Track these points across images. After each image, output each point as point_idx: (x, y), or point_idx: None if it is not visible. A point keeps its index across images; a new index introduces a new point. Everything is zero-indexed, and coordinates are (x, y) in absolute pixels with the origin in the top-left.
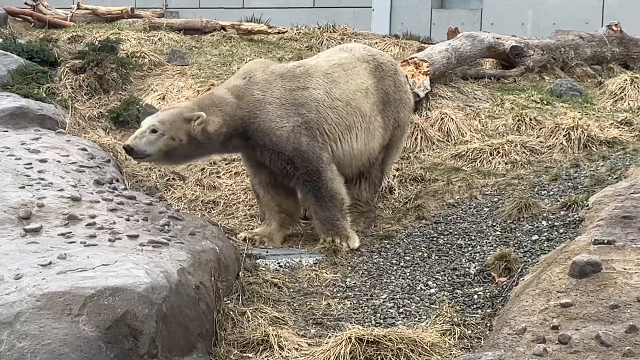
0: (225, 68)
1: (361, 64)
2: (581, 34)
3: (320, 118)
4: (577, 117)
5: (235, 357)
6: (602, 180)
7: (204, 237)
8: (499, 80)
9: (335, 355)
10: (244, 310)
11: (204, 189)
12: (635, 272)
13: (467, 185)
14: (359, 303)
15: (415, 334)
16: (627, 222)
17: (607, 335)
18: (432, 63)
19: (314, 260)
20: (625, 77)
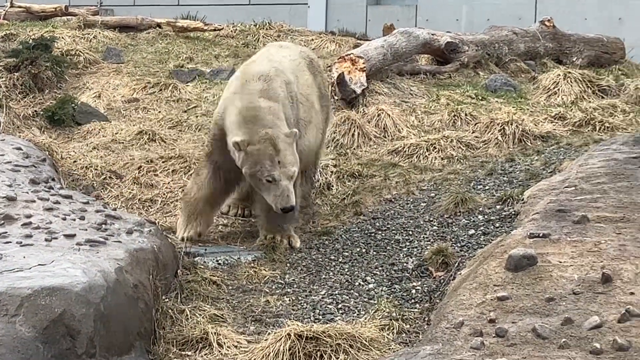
0: (161, 66)
1: (302, 60)
2: (515, 30)
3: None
4: (511, 112)
5: (175, 355)
6: (537, 174)
7: (142, 235)
8: (435, 76)
9: (274, 352)
10: (182, 309)
11: (141, 187)
12: (570, 265)
13: (404, 180)
14: (298, 299)
15: (354, 330)
16: (562, 215)
17: (543, 328)
18: (369, 59)
19: (252, 257)
20: (558, 72)
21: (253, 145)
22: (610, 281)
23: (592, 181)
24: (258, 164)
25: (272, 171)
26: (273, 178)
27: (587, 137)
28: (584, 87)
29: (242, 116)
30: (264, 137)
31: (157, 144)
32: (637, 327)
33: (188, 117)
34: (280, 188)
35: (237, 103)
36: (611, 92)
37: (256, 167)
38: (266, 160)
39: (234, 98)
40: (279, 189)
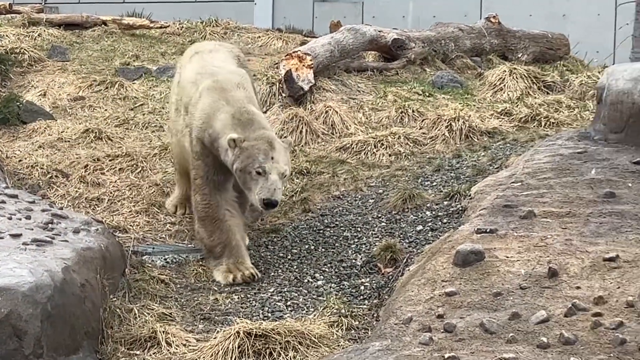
0: (107, 63)
1: (234, 60)
2: (460, 26)
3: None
4: (458, 109)
5: (123, 354)
6: (484, 170)
7: (89, 234)
8: (382, 73)
9: (223, 350)
10: (130, 308)
11: (88, 186)
12: (517, 260)
13: (352, 177)
14: (247, 297)
15: (304, 327)
16: (509, 210)
17: (490, 323)
18: (316, 56)
19: (201, 255)
20: (504, 69)
21: (248, 142)
22: (557, 276)
23: (538, 176)
24: (251, 157)
25: (264, 163)
26: (264, 170)
27: (533, 133)
28: (529, 83)
29: (236, 119)
30: (261, 135)
31: (103, 142)
32: (583, 321)
33: (135, 115)
34: (269, 180)
35: (226, 109)
36: (556, 88)
37: (248, 160)
38: (260, 153)
39: (219, 106)
40: (268, 182)
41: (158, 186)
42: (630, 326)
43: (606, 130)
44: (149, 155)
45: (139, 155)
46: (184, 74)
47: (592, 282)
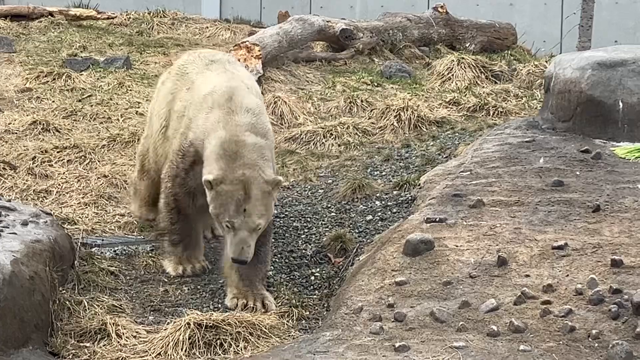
0: (54, 55)
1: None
2: (408, 16)
3: None
4: (407, 98)
5: (73, 347)
6: (433, 159)
7: (38, 226)
8: (330, 63)
9: (174, 341)
10: (80, 300)
11: (36, 178)
12: (467, 249)
13: (302, 167)
14: (197, 288)
15: (254, 317)
16: (458, 200)
17: (441, 312)
18: (264, 47)
19: (150, 247)
20: (452, 58)
21: (224, 185)
22: (506, 264)
23: (486, 165)
24: (223, 206)
25: (233, 218)
26: (232, 225)
27: (481, 122)
28: (477, 72)
29: (222, 149)
30: (238, 177)
31: (51, 134)
32: (533, 308)
33: (82, 106)
34: (237, 237)
35: (220, 133)
36: (504, 77)
37: (220, 209)
38: (232, 204)
39: (217, 127)
40: (237, 238)
41: (107, 178)
42: (579, 314)
43: (554, 119)
44: (97, 147)
45: (87, 147)
46: (202, 79)
47: (541, 270)
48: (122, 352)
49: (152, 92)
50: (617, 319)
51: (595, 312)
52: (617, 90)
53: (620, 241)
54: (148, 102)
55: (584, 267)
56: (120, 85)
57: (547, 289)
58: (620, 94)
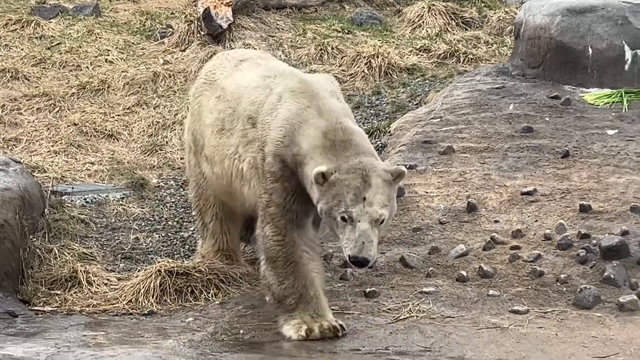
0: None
1: None
2: None
3: None
4: (377, 45)
5: (43, 294)
6: (403, 106)
7: (7, 175)
8: (301, 10)
9: (145, 288)
10: (50, 248)
11: (5, 126)
12: (437, 195)
13: None
14: (168, 236)
15: (225, 265)
16: (428, 146)
17: (410, 258)
18: None
19: (121, 195)
20: (422, 5)
21: (339, 174)
22: (476, 210)
23: (456, 112)
24: (338, 197)
25: (350, 207)
26: (350, 216)
27: (452, 69)
28: (447, 19)
29: (329, 140)
30: (355, 166)
31: (20, 82)
32: (502, 254)
33: (52, 54)
34: (357, 231)
35: (317, 123)
36: (474, 24)
37: (334, 201)
38: (350, 193)
39: (308, 117)
40: (355, 232)
41: (76, 126)
42: (547, 258)
43: (524, 66)
44: (66, 95)
45: (56, 95)
46: (232, 82)
47: (510, 215)
48: (93, 299)
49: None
50: (585, 263)
51: (564, 257)
52: (587, 36)
53: (588, 187)
54: (118, 50)
55: (553, 212)
56: (89, 32)
57: (516, 234)
58: (589, 40)
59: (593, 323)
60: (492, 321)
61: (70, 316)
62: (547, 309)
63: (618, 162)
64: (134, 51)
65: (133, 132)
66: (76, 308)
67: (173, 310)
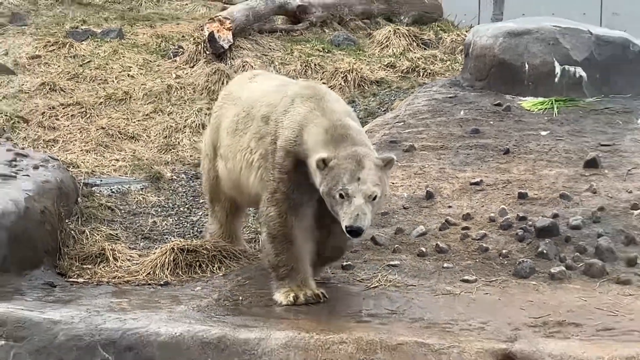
0: (59, 27)
1: None
2: None
3: None
4: (352, 62)
5: (77, 268)
6: (374, 112)
7: (47, 170)
8: (289, 34)
9: (161, 263)
10: (83, 230)
11: (45, 130)
12: (401, 185)
13: None
14: (180, 220)
15: (227, 244)
16: (394, 145)
17: (380, 237)
18: (234, 20)
19: (141, 186)
20: (389, 29)
21: (337, 161)
22: (433, 197)
23: (417, 117)
24: (335, 178)
25: (347, 185)
26: (346, 193)
27: (413, 82)
28: (410, 40)
29: (329, 135)
30: (351, 154)
31: (57, 94)
32: (454, 233)
33: (83, 70)
34: (352, 205)
35: (320, 122)
36: (432, 45)
37: (332, 182)
38: (346, 174)
39: (313, 117)
40: (351, 206)
41: (104, 129)
42: (492, 237)
43: (472, 79)
44: (96, 104)
45: (87, 104)
46: (248, 91)
47: (461, 202)
48: (118, 272)
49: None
50: (522, 241)
51: (505, 235)
52: (524, 54)
53: (525, 178)
54: (138, 66)
55: (496, 199)
56: (114, 52)
57: (466, 217)
58: (526, 57)
59: (529, 290)
60: (447, 289)
61: (99, 286)
62: (492, 278)
63: (550, 157)
64: (151, 67)
65: (151, 135)
66: (104, 280)
67: (184, 281)
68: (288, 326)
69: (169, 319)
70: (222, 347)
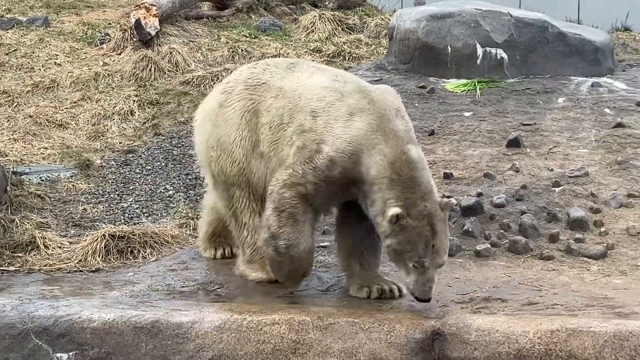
0: None
1: None
2: None
3: None
4: (279, 47)
5: (8, 257)
6: None
7: None
8: (215, 20)
9: (92, 250)
10: (12, 218)
11: None
12: None
13: (194, 106)
14: (110, 207)
15: (158, 229)
16: None
17: None
18: (160, 7)
19: (70, 174)
20: (315, 14)
21: (410, 220)
22: None
23: None
24: (410, 243)
25: (423, 257)
26: (422, 265)
27: (339, 66)
28: (335, 25)
29: (396, 174)
30: (422, 212)
31: None
32: None
33: (9, 59)
34: (425, 276)
35: (384, 150)
36: (356, 29)
37: (407, 247)
38: (421, 242)
39: (375, 142)
40: (424, 277)
41: (32, 118)
42: None
43: (397, 62)
44: (23, 92)
45: (14, 93)
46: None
47: None
48: (50, 260)
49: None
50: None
51: None
52: (447, 37)
53: (450, 158)
54: (65, 54)
55: None
56: (40, 40)
57: None
58: (449, 40)
59: (456, 267)
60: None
61: (30, 274)
62: None
63: (473, 138)
64: (78, 55)
65: (79, 122)
66: (35, 267)
67: (116, 267)
68: (221, 308)
69: (101, 305)
70: (156, 331)
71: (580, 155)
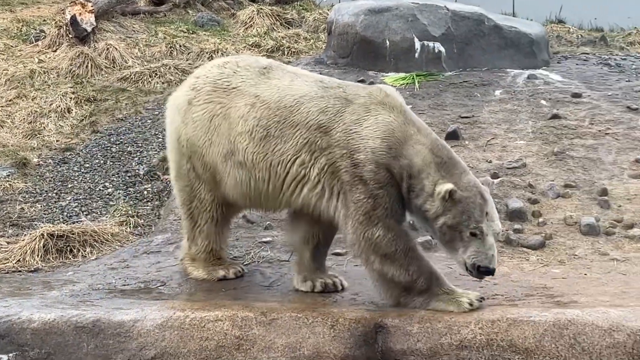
0: None
1: None
2: None
3: None
4: (217, 43)
5: None
6: None
7: None
8: (152, 15)
9: (31, 249)
10: None
11: None
12: None
13: (132, 102)
14: (49, 206)
15: (98, 227)
16: None
17: (251, 215)
18: (96, 2)
19: (7, 173)
20: (253, 9)
21: (462, 192)
22: None
23: None
24: (465, 213)
25: (480, 222)
26: (481, 231)
27: (279, 60)
28: (273, 20)
29: (438, 157)
30: (470, 184)
31: None
32: None
33: None
34: (486, 244)
35: (421, 140)
36: (295, 24)
37: (462, 217)
38: (476, 209)
39: (410, 133)
40: (485, 245)
41: None
42: None
43: (336, 56)
44: None
45: None
46: (274, 90)
47: None
48: None
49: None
50: None
51: None
52: (385, 31)
53: None
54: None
55: None
56: None
57: None
58: (387, 34)
59: None
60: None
61: None
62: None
63: None
64: (13, 52)
65: (15, 120)
66: None
67: (55, 266)
68: (163, 306)
69: (41, 305)
70: (97, 330)
71: (518, 146)
